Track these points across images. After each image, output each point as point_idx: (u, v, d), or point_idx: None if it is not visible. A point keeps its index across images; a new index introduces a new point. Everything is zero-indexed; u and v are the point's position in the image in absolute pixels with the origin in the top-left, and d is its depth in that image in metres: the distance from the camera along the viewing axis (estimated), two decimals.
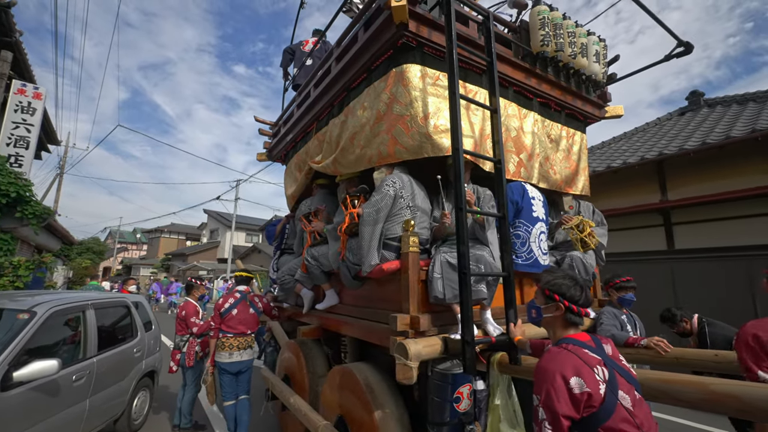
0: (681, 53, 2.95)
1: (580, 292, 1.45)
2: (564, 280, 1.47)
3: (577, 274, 2.79)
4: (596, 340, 1.40)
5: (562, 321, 1.46)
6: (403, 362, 1.92)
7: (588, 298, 1.47)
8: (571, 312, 1.43)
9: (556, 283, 1.47)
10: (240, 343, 3.62)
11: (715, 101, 7.19)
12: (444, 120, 2.43)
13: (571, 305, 1.43)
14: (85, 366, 2.94)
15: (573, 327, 1.45)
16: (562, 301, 1.43)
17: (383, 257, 2.35)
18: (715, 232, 5.27)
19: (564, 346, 1.33)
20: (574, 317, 1.44)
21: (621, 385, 1.26)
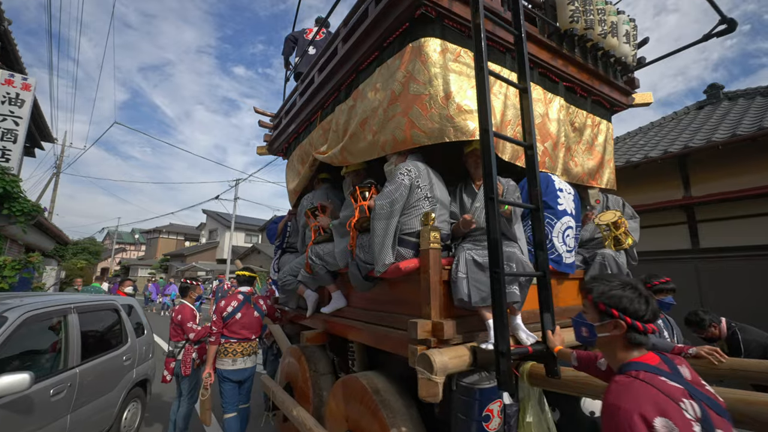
0: (723, 32, 2.68)
1: (645, 305, 1.15)
2: (624, 291, 1.16)
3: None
4: (668, 362, 1.10)
5: (623, 341, 1.16)
6: (427, 377, 1.64)
7: (655, 310, 1.16)
8: (635, 330, 1.13)
9: (613, 295, 1.17)
10: (244, 348, 3.36)
11: (736, 94, 6.93)
12: (468, 100, 2.16)
13: (635, 322, 1.13)
14: (66, 378, 2.66)
15: (638, 348, 1.15)
16: (623, 318, 1.13)
17: (399, 255, 2.08)
18: (743, 230, 4.99)
19: (633, 374, 1.04)
20: (640, 337, 1.14)
21: (716, 423, 0.96)
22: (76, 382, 2.75)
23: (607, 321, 1.17)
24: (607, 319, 1.17)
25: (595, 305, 1.20)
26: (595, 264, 2.56)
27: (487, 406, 1.84)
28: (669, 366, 1.08)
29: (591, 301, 1.22)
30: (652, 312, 1.15)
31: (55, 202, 16.06)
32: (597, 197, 2.95)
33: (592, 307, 1.22)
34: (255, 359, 3.48)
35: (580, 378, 1.82)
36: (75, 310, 2.99)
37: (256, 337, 3.49)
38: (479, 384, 1.84)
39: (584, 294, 1.24)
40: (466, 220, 2.08)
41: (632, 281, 1.20)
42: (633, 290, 1.17)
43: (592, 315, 1.23)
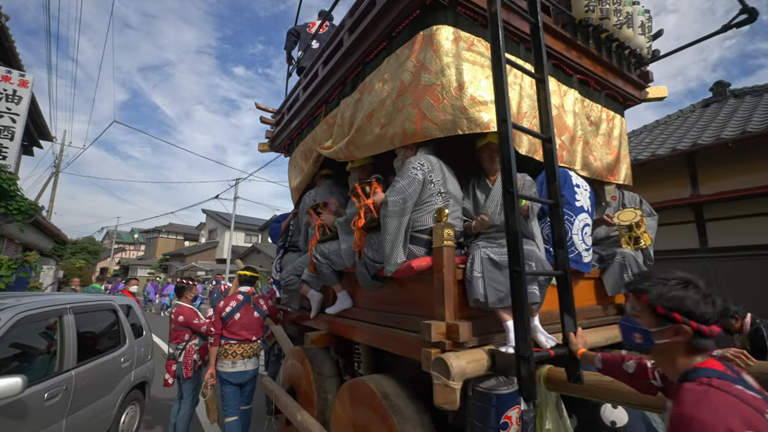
0: (744, 21, 2.59)
1: (711, 306, 0.99)
2: (687, 291, 1.00)
3: (627, 275, 2.43)
4: (731, 368, 0.97)
5: (685, 347, 1.01)
6: (444, 382, 1.54)
7: (722, 311, 1.01)
8: (701, 336, 0.98)
9: (674, 296, 1.00)
10: (245, 350, 3.26)
11: (742, 91, 6.84)
12: (482, 91, 2.06)
13: (701, 326, 0.97)
14: (62, 381, 2.55)
15: (701, 353, 1.01)
16: (688, 322, 0.98)
17: (411, 253, 1.98)
18: (752, 229, 4.90)
19: (706, 381, 0.91)
20: (705, 341, 0.99)
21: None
22: (72, 385, 2.65)
23: (667, 326, 1.02)
24: (668, 323, 1.02)
25: (652, 308, 1.04)
26: (615, 264, 2.46)
27: (505, 412, 1.74)
28: (735, 373, 0.96)
29: (647, 304, 1.06)
30: (719, 313, 1.00)
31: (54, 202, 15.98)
32: (613, 194, 2.85)
33: (648, 311, 1.06)
34: (257, 361, 3.36)
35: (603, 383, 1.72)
36: (71, 310, 2.89)
37: (257, 339, 3.38)
38: (497, 389, 1.74)
39: (634, 294, 1.10)
40: (484, 221, 1.97)
41: (693, 278, 1.04)
42: (696, 290, 1.01)
43: (647, 319, 1.07)
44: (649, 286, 1.06)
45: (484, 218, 2.02)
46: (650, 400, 1.54)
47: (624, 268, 2.42)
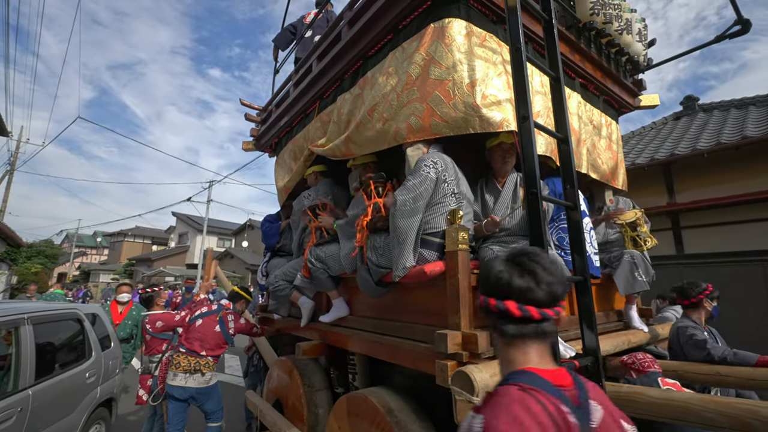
0: (737, 32, 2.65)
1: (532, 280, 0.80)
2: (495, 265, 0.85)
3: (638, 275, 2.41)
4: (582, 396, 0.77)
5: (506, 340, 0.84)
6: (467, 398, 1.41)
7: (553, 291, 0.81)
8: (508, 319, 0.81)
9: (481, 276, 0.87)
10: (189, 363, 2.92)
11: (710, 106, 7.21)
12: (494, 89, 1.97)
13: (505, 304, 0.80)
14: (16, 401, 2.24)
15: (535, 349, 0.81)
16: (489, 301, 0.83)
17: (421, 257, 1.85)
18: (727, 236, 5.11)
19: (511, 386, 0.74)
20: (524, 327, 0.80)
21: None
22: (28, 406, 2.33)
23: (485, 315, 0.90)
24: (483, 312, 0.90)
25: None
26: (624, 263, 2.43)
27: None
28: (576, 385, 0.80)
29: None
30: (551, 291, 0.81)
31: (7, 201, 14.81)
32: (610, 197, 2.85)
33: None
34: (201, 380, 2.96)
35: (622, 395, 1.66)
36: (29, 320, 2.56)
37: (208, 356, 3.00)
38: None
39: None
40: (495, 221, 1.87)
41: (507, 255, 0.88)
42: (506, 264, 0.85)
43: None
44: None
45: (495, 218, 1.92)
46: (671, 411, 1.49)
47: (634, 267, 2.40)
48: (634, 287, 2.40)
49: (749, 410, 1.22)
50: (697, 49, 2.91)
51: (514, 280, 0.81)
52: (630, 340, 2.24)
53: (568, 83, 2.63)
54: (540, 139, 2.12)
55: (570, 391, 0.76)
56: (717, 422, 1.27)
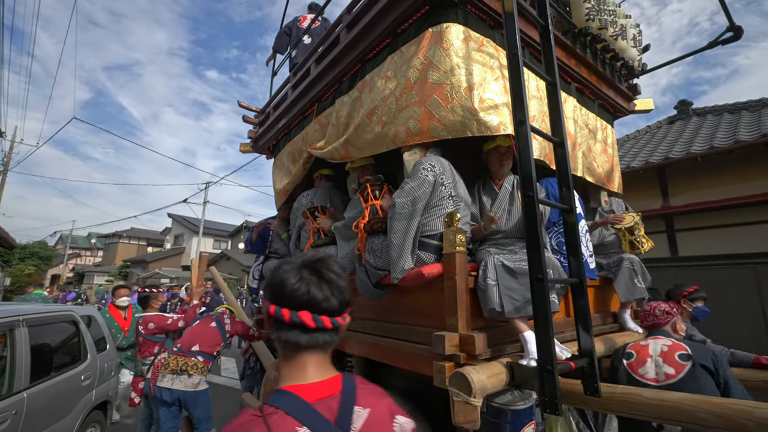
0: (729, 39, 2.70)
1: (328, 289, 0.80)
2: (289, 275, 0.80)
3: (637, 282, 2.43)
4: (345, 403, 0.77)
5: (282, 350, 0.82)
6: (465, 399, 1.42)
7: (344, 299, 0.83)
8: (282, 324, 0.79)
9: (271, 286, 0.82)
10: (177, 363, 2.82)
11: (704, 110, 7.30)
12: (491, 93, 2.00)
13: (281, 311, 0.77)
14: (10, 404, 2.22)
15: (314, 361, 0.79)
16: (269, 307, 0.80)
17: (419, 260, 1.86)
18: (720, 239, 5.17)
19: (263, 410, 0.72)
20: (291, 333, 0.78)
21: None
22: (23, 409, 2.31)
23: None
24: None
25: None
26: (623, 269, 2.45)
27: (520, 429, 1.65)
28: (341, 409, 0.77)
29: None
30: (324, 296, 0.79)
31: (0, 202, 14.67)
32: (605, 198, 2.88)
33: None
34: (189, 383, 2.83)
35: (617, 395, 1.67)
36: (24, 323, 2.55)
37: (199, 356, 2.89)
38: (513, 405, 1.64)
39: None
40: (491, 217, 1.89)
41: (285, 261, 0.85)
42: (280, 269, 0.83)
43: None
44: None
45: (491, 215, 1.94)
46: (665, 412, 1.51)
47: (634, 274, 2.43)
48: (634, 294, 2.43)
49: (743, 411, 1.24)
50: (690, 54, 2.96)
51: (311, 290, 0.79)
52: (625, 342, 2.26)
53: (564, 88, 2.66)
54: (535, 143, 2.14)
55: (333, 400, 0.76)
56: (710, 423, 1.28)
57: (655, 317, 2.18)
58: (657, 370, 1.99)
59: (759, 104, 6.19)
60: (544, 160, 2.15)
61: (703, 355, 1.93)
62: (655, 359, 2.01)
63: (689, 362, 1.91)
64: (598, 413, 2.40)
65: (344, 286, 0.84)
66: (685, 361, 1.93)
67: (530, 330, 1.66)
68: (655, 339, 2.09)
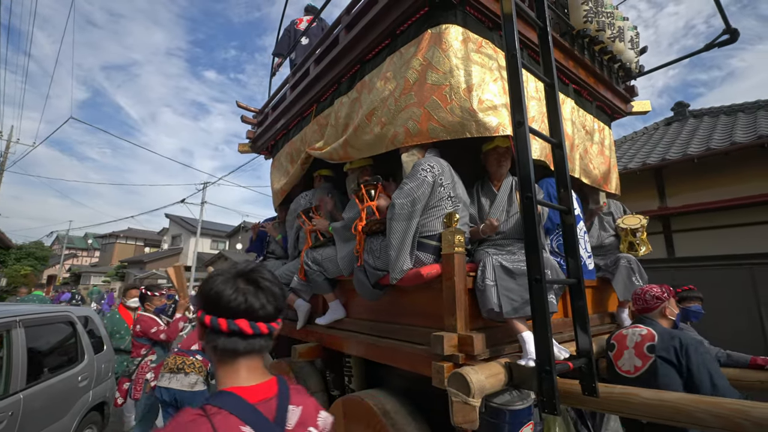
0: (725, 41, 2.72)
1: (264, 297, 0.84)
2: (224, 286, 0.83)
3: (635, 280, 2.44)
4: (281, 403, 0.82)
5: (217, 357, 0.84)
6: (463, 399, 1.42)
7: (279, 306, 0.87)
8: (219, 333, 0.81)
9: (207, 297, 0.84)
10: (176, 361, 2.83)
11: (701, 112, 7.34)
12: (490, 95, 2.00)
13: (217, 321, 0.80)
14: (7, 405, 2.21)
15: (247, 365, 0.83)
16: (204, 317, 0.82)
17: (418, 260, 1.87)
18: (717, 239, 5.20)
19: (206, 409, 0.74)
20: (229, 341, 0.81)
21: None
22: (19, 410, 2.30)
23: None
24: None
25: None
26: (621, 268, 2.46)
27: (519, 429, 1.66)
28: (278, 410, 0.82)
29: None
30: (261, 304, 0.83)
31: None
32: (604, 200, 2.90)
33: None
34: (185, 382, 2.80)
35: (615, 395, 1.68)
36: (21, 323, 2.53)
37: (197, 356, 2.87)
38: (511, 405, 1.65)
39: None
40: (493, 224, 1.90)
41: (228, 269, 0.88)
42: (221, 277, 0.85)
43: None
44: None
45: (492, 221, 1.95)
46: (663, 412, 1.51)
47: (631, 272, 2.44)
48: (632, 292, 2.44)
49: (739, 410, 1.25)
50: (687, 57, 2.98)
51: (248, 299, 0.82)
52: None
53: (562, 89, 2.67)
54: (534, 144, 2.15)
55: (272, 401, 0.81)
56: (708, 422, 1.29)
57: (645, 302, 2.11)
58: (630, 362, 1.95)
59: (755, 106, 6.23)
60: (544, 160, 2.16)
61: (665, 346, 1.87)
62: (630, 350, 1.97)
63: (652, 355, 1.87)
64: (596, 413, 2.41)
65: (279, 293, 0.88)
66: (650, 353, 1.89)
67: (528, 330, 1.66)
68: (635, 328, 2.04)
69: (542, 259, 1.48)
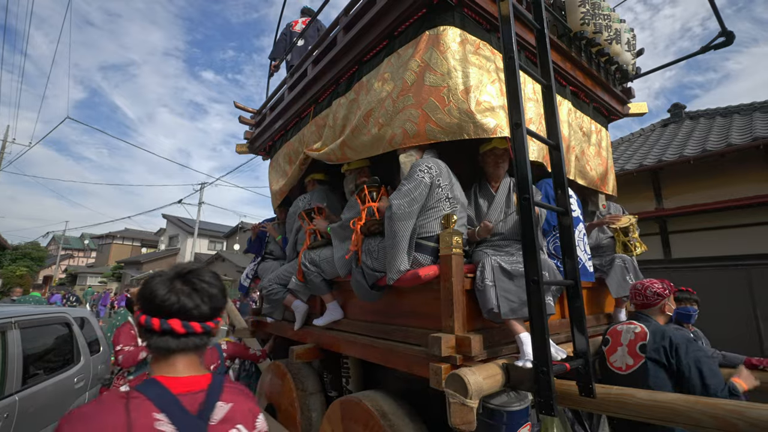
0: (721, 44, 2.74)
1: (198, 297, 0.87)
2: (159, 287, 0.86)
3: (629, 278, 2.45)
4: (210, 398, 0.85)
5: (153, 354, 0.88)
6: (461, 401, 1.43)
7: (216, 305, 0.90)
8: (153, 332, 0.85)
9: (144, 296, 0.87)
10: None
11: (697, 114, 7.38)
12: (488, 96, 2.01)
13: (151, 320, 0.84)
14: (2, 407, 2.19)
15: (183, 361, 0.86)
16: (140, 317, 0.86)
17: (416, 261, 1.87)
18: (713, 241, 5.23)
19: (128, 393, 0.78)
20: (161, 340, 0.85)
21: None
22: (14, 412, 2.28)
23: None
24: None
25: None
26: (616, 267, 2.48)
27: (516, 430, 1.66)
28: (206, 404, 0.84)
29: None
30: (195, 304, 0.87)
31: None
32: (603, 202, 2.91)
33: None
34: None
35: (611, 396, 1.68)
36: (17, 325, 2.52)
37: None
38: (508, 406, 1.65)
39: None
40: (488, 227, 1.91)
41: (162, 272, 0.91)
42: (156, 278, 0.89)
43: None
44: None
45: (487, 224, 1.95)
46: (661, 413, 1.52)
47: (625, 271, 2.45)
48: (625, 290, 2.45)
49: (735, 411, 1.25)
50: (683, 59, 3.00)
51: (181, 299, 0.86)
52: None
53: (560, 91, 2.68)
54: (531, 145, 2.16)
55: (199, 394, 0.84)
56: (703, 423, 1.30)
57: (645, 297, 2.08)
58: (622, 360, 1.95)
59: (750, 108, 6.27)
60: (541, 161, 2.17)
61: (656, 347, 1.85)
62: (624, 347, 1.96)
63: (644, 355, 1.86)
64: (593, 414, 2.42)
65: (216, 294, 0.91)
66: (642, 352, 1.88)
67: (526, 331, 1.67)
68: (629, 324, 2.02)
69: (540, 261, 1.49)
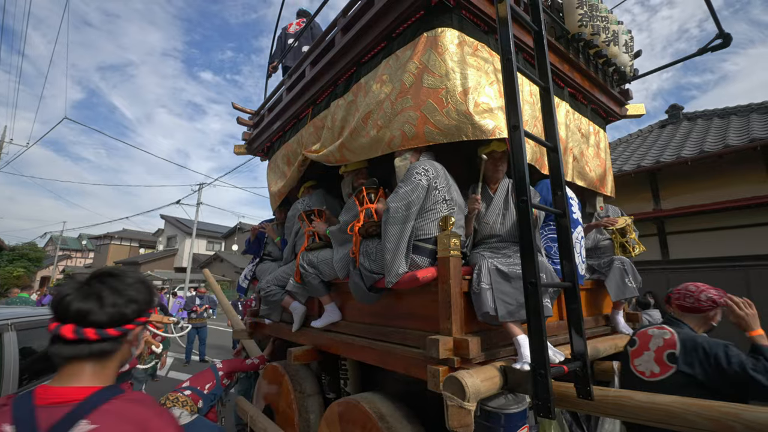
0: (718, 46, 2.75)
1: (96, 303, 0.84)
2: (64, 289, 0.85)
3: (628, 280, 2.46)
4: (73, 414, 0.76)
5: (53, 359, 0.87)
6: (458, 403, 1.42)
7: (122, 312, 0.86)
8: (62, 341, 0.83)
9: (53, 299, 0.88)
10: (165, 400, 2.78)
11: (694, 115, 7.41)
12: (486, 98, 2.01)
13: (50, 324, 0.84)
14: None
15: (67, 369, 0.83)
16: (53, 324, 0.85)
17: (413, 263, 1.87)
18: (711, 242, 5.25)
19: (6, 400, 0.79)
20: (53, 347, 0.83)
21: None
22: None
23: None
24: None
25: None
26: (614, 269, 2.48)
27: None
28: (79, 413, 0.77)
29: None
30: (75, 307, 0.82)
31: None
32: (601, 203, 2.92)
33: None
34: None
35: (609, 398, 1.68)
36: (13, 327, 2.50)
37: (185, 391, 2.83)
38: (506, 408, 1.65)
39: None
40: (475, 198, 1.92)
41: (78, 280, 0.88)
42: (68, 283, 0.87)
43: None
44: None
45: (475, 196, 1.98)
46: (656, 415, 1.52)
47: (624, 273, 2.45)
48: (624, 293, 2.45)
49: (731, 413, 1.25)
50: (680, 60, 3.01)
51: (74, 304, 0.82)
52: (617, 345, 2.28)
53: (558, 92, 2.69)
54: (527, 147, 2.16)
55: (63, 408, 0.75)
56: (700, 425, 1.30)
57: (698, 301, 1.92)
58: (647, 365, 1.85)
59: (747, 109, 6.30)
60: (533, 163, 2.17)
61: (689, 360, 1.71)
62: (650, 352, 1.85)
63: (674, 366, 1.75)
64: (590, 416, 2.42)
65: (121, 302, 0.86)
66: (671, 362, 1.77)
67: (524, 334, 1.67)
68: (661, 329, 1.87)
69: (537, 263, 1.49)
